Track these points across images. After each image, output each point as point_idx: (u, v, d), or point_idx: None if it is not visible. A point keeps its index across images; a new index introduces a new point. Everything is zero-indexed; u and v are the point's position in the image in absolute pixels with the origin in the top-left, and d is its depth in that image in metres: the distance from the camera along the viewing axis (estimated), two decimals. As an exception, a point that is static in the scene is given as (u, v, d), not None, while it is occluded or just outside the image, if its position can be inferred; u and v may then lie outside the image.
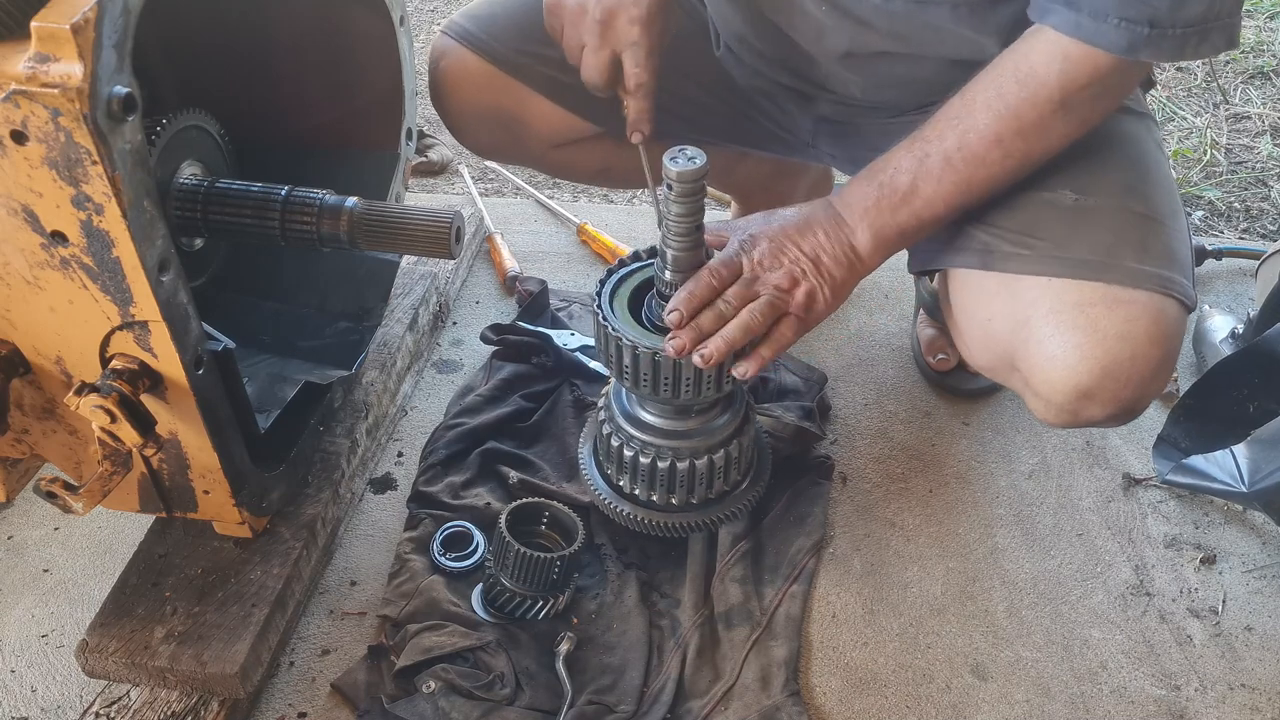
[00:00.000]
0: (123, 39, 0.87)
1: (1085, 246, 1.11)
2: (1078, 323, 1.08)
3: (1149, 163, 1.20)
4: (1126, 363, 1.07)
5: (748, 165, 1.67)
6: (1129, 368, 1.07)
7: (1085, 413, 1.12)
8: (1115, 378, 1.08)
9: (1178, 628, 1.32)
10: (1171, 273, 1.11)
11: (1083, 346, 1.08)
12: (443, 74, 1.45)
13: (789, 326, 1.13)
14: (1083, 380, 1.08)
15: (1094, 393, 1.09)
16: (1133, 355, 1.07)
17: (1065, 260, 1.11)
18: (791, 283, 1.12)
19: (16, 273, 0.97)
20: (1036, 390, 1.13)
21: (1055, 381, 1.10)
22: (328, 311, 1.47)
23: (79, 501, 1.02)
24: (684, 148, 1.06)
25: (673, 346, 1.10)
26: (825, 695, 1.26)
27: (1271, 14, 2.69)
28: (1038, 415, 1.18)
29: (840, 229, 1.14)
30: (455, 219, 1.25)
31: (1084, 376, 1.08)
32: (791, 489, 1.45)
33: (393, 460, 1.54)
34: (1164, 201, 1.17)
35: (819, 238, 1.14)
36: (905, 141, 1.13)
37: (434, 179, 2.22)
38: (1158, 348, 1.09)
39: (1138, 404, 1.11)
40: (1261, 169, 2.21)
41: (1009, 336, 1.14)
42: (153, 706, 1.18)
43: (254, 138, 1.41)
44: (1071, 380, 1.09)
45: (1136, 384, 1.09)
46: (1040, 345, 1.10)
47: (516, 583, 1.25)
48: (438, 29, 1.49)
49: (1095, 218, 1.13)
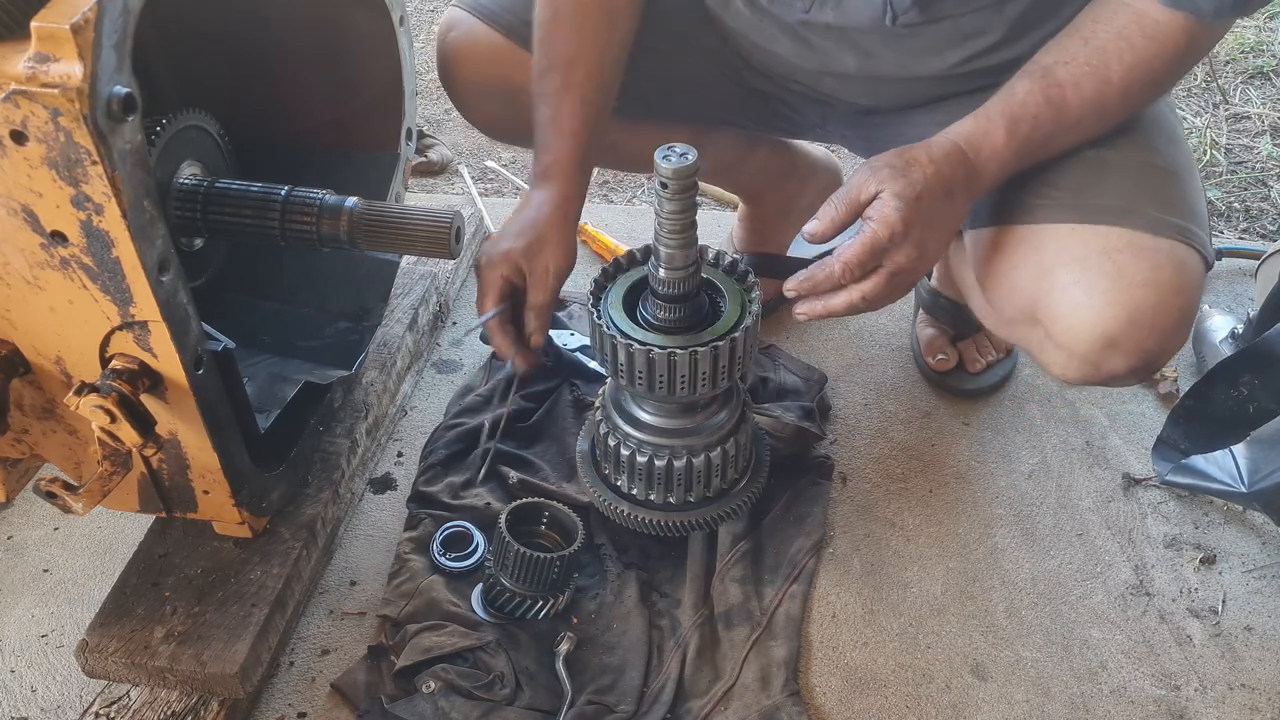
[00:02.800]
0: (123, 39, 0.87)
1: (1107, 195, 1.10)
2: (1104, 269, 1.06)
3: (1164, 122, 1.19)
4: (1151, 310, 1.05)
5: (755, 164, 1.66)
6: (1154, 316, 1.06)
7: (1108, 364, 1.09)
8: (1140, 325, 1.06)
9: (1178, 628, 1.32)
10: (1191, 225, 1.10)
11: (1109, 292, 1.06)
12: (451, 46, 1.42)
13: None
14: (1108, 327, 1.06)
15: (1119, 340, 1.07)
16: (1158, 303, 1.05)
17: (1088, 207, 1.10)
18: (913, 264, 1.09)
19: (16, 273, 0.97)
20: (1059, 340, 1.11)
21: (1079, 329, 1.07)
22: (328, 311, 1.47)
23: (79, 501, 1.02)
24: (674, 145, 1.05)
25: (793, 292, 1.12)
26: (825, 695, 1.26)
27: (1271, 14, 2.69)
28: (1056, 371, 1.15)
29: (972, 191, 1.10)
30: (455, 219, 1.25)
31: (1110, 323, 1.06)
32: (791, 489, 1.45)
33: (393, 460, 1.53)
34: (1181, 158, 1.16)
35: (959, 205, 1.10)
36: (1036, 82, 1.09)
37: (434, 179, 2.22)
38: (1181, 297, 1.07)
39: (1159, 357, 1.09)
40: (1261, 169, 2.21)
41: (1032, 286, 1.12)
42: (153, 706, 1.18)
43: (254, 138, 1.41)
44: (1098, 327, 1.06)
45: (1160, 333, 1.07)
46: (1065, 292, 1.08)
47: (516, 583, 1.25)
48: (436, 28, 1.49)
49: (1116, 168, 1.12)
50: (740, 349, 1.16)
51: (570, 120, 1.28)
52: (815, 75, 1.31)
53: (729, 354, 1.15)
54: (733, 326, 1.15)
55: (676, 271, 1.13)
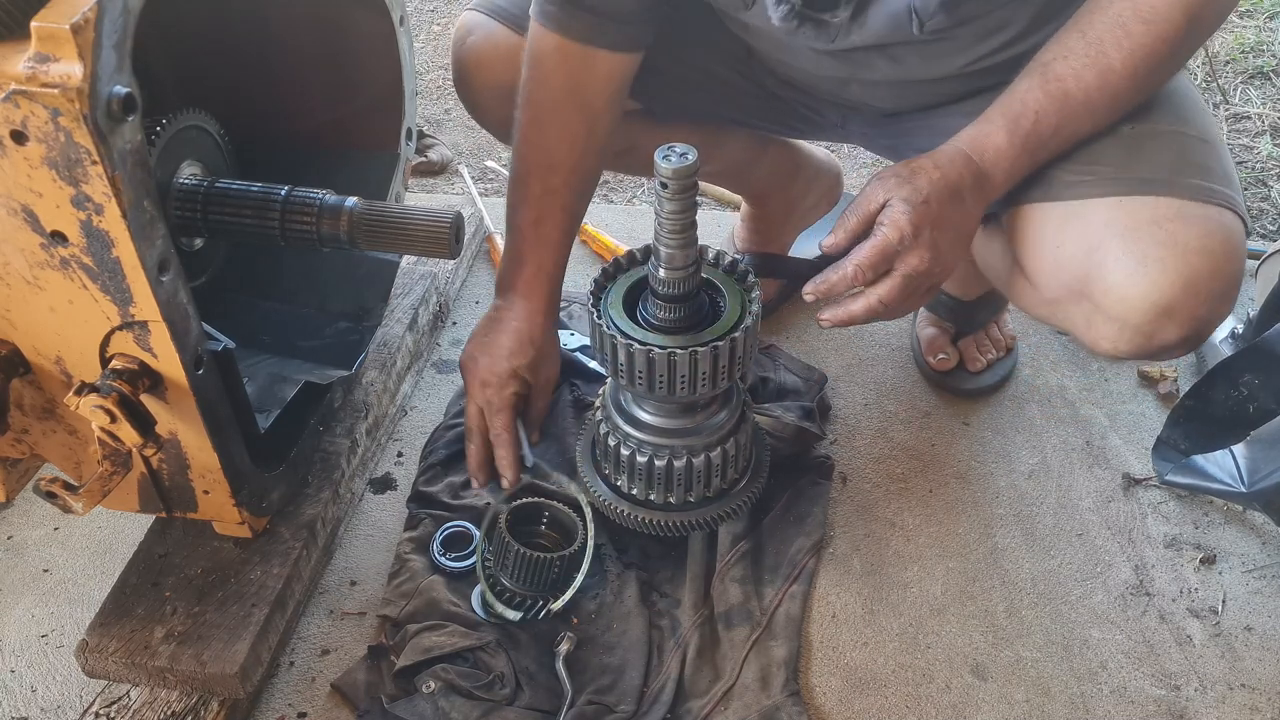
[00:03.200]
0: (123, 39, 0.87)
1: (1149, 167, 1.10)
2: (1157, 237, 1.06)
3: (1190, 94, 1.20)
4: (1207, 277, 1.05)
5: (764, 166, 1.66)
6: (1209, 283, 1.06)
7: (1161, 334, 1.09)
8: (1196, 293, 1.05)
9: (1178, 628, 1.32)
10: (1232, 191, 1.11)
11: (1164, 260, 1.05)
12: (471, 50, 1.41)
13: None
14: (1165, 295, 1.06)
15: (1175, 309, 1.06)
16: (1213, 270, 1.06)
17: (1132, 180, 1.10)
18: (927, 265, 1.10)
19: (16, 273, 0.97)
20: (1112, 313, 1.10)
21: (1134, 299, 1.07)
22: (328, 311, 1.47)
23: (79, 501, 1.02)
24: (673, 145, 1.06)
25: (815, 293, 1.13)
26: (825, 695, 1.26)
27: (1271, 14, 2.69)
28: (1105, 346, 1.14)
29: (984, 193, 1.11)
30: (455, 219, 1.25)
31: (1165, 291, 1.05)
32: (791, 489, 1.45)
33: (393, 460, 1.53)
34: (1211, 128, 1.17)
35: (970, 208, 1.11)
36: (1035, 79, 1.10)
37: (434, 179, 2.22)
38: (1233, 263, 1.07)
39: (1209, 324, 1.09)
40: (1261, 169, 2.21)
41: (1082, 260, 1.11)
42: (153, 706, 1.18)
43: (254, 138, 1.41)
44: (1153, 295, 1.06)
45: (1214, 300, 1.07)
46: (1119, 262, 1.07)
47: (516, 583, 1.25)
48: (436, 28, 1.49)
49: (1154, 142, 1.12)
50: (740, 349, 1.16)
51: (554, 230, 1.32)
52: (841, 83, 1.31)
53: (729, 354, 1.15)
54: (732, 326, 1.15)
55: (676, 271, 1.13)
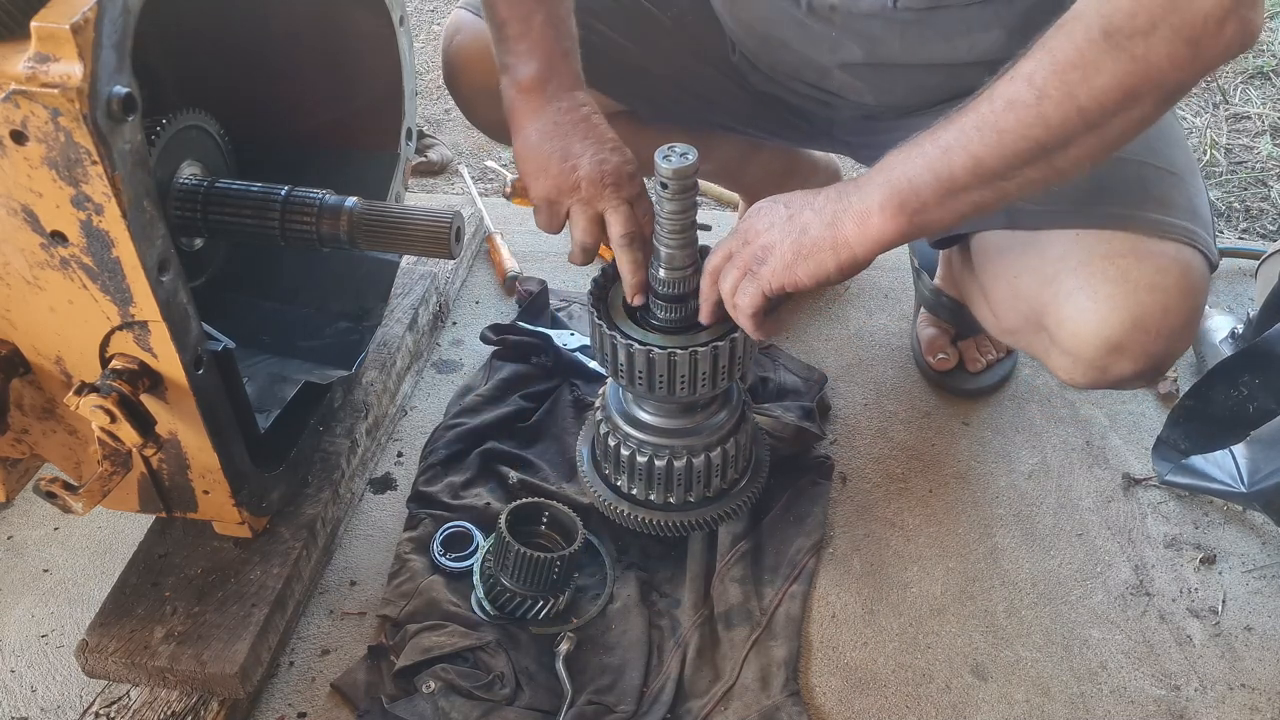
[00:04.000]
0: (123, 39, 0.87)
1: (1109, 199, 1.09)
2: (1108, 274, 1.06)
3: (1164, 123, 1.17)
4: (1158, 314, 1.05)
5: (759, 164, 1.67)
6: (1160, 320, 1.05)
7: (1114, 369, 1.09)
8: (1146, 330, 1.05)
9: (1178, 628, 1.32)
10: (1195, 226, 1.10)
11: (1114, 298, 1.05)
12: (457, 49, 1.41)
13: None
14: (1114, 332, 1.06)
15: (1124, 346, 1.06)
16: (1164, 307, 1.05)
17: (1090, 213, 1.09)
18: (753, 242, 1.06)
19: (16, 273, 0.97)
20: (1064, 346, 1.10)
21: (1085, 335, 1.07)
22: (327, 311, 1.47)
23: (79, 501, 1.02)
24: (674, 145, 1.06)
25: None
26: (825, 695, 1.26)
27: (1272, 14, 2.69)
28: (1063, 376, 1.14)
29: (843, 192, 1.01)
30: (455, 219, 1.25)
31: (1115, 328, 1.05)
32: (791, 489, 1.45)
33: (393, 460, 1.53)
34: (1180, 159, 1.16)
35: (801, 196, 1.05)
36: (921, 147, 0.99)
37: (434, 179, 2.22)
38: (1188, 300, 1.07)
39: (1164, 360, 1.09)
40: (1261, 169, 2.21)
41: (1037, 292, 1.12)
42: (152, 706, 1.18)
43: (254, 138, 1.41)
44: (1102, 333, 1.06)
45: (1166, 337, 1.06)
46: (1070, 298, 1.08)
47: (516, 583, 1.25)
48: (436, 28, 1.49)
49: (1116, 172, 1.10)
50: (740, 349, 1.16)
51: (570, 22, 1.19)
52: (823, 71, 1.31)
53: (729, 354, 1.15)
54: (732, 327, 1.15)
55: (676, 271, 1.13)
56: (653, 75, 1.40)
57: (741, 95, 1.45)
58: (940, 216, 0.96)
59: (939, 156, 0.93)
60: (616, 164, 1.15)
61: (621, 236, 1.15)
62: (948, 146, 0.93)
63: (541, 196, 1.17)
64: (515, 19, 1.15)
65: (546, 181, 1.16)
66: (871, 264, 1.02)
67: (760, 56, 1.37)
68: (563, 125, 1.16)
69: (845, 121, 1.42)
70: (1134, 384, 1.13)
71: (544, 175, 1.16)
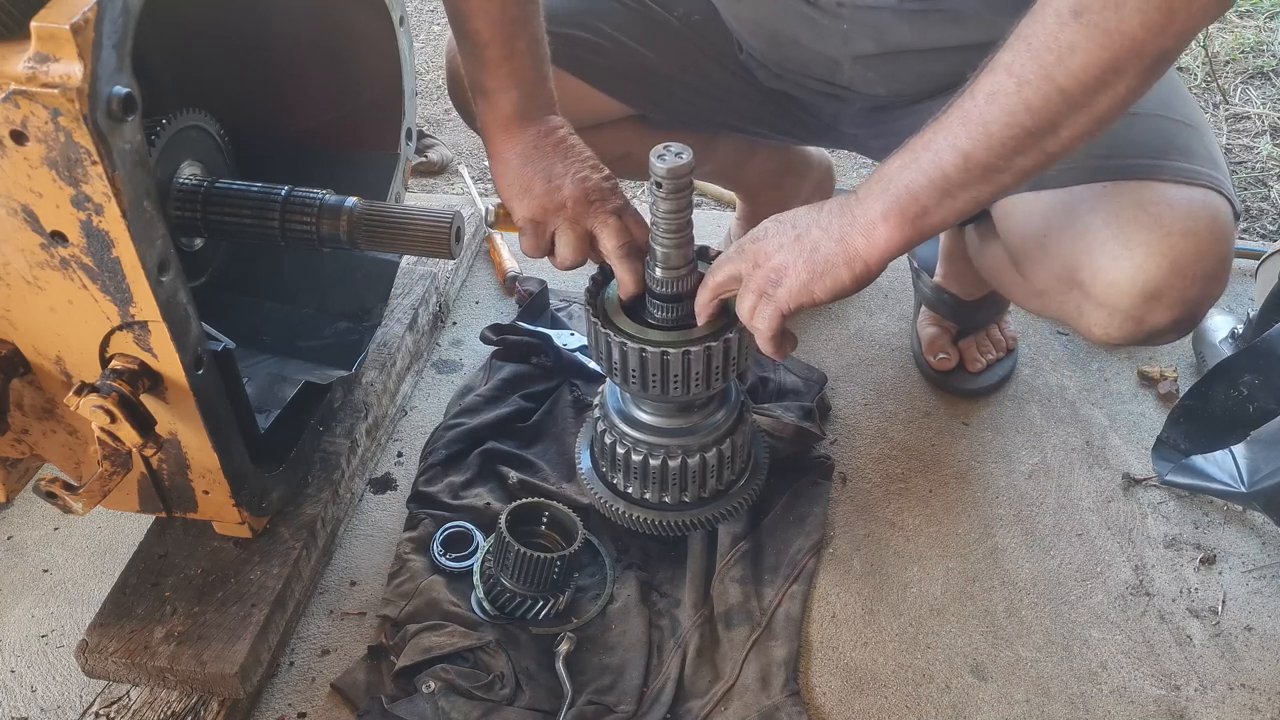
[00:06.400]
0: (123, 39, 0.87)
1: (1133, 151, 1.10)
2: (1141, 220, 1.06)
3: (1172, 80, 1.19)
4: (1193, 258, 1.05)
5: (756, 163, 1.67)
6: (1195, 264, 1.05)
7: (1150, 318, 1.08)
8: (1183, 274, 1.05)
9: (1178, 628, 1.32)
10: (1218, 174, 1.11)
11: (1149, 243, 1.05)
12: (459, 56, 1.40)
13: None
14: (1150, 278, 1.05)
15: (1161, 292, 1.06)
16: (1198, 250, 1.05)
17: (1116, 167, 1.09)
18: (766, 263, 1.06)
19: (16, 273, 0.97)
20: (1100, 299, 1.09)
21: (1122, 283, 1.06)
22: (328, 311, 1.47)
23: (79, 501, 1.02)
24: (669, 144, 1.06)
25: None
26: (825, 695, 1.26)
27: (1271, 14, 2.69)
28: (1098, 333, 1.13)
29: (848, 206, 1.01)
30: (455, 219, 1.25)
31: (1152, 274, 1.05)
32: (791, 489, 1.45)
33: (393, 460, 1.54)
34: (1193, 113, 1.17)
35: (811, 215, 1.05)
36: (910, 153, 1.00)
37: (434, 179, 2.22)
38: (1220, 244, 1.07)
39: (1200, 307, 1.09)
40: (1261, 169, 2.21)
41: (1069, 247, 1.11)
42: (153, 706, 1.18)
43: (254, 138, 1.41)
44: (1140, 279, 1.05)
45: (1202, 282, 1.06)
46: (1104, 247, 1.07)
47: (516, 583, 1.25)
48: (436, 28, 1.49)
49: (1136, 126, 1.11)
50: (734, 349, 1.16)
51: (545, 41, 1.19)
52: (833, 65, 1.31)
53: (723, 354, 1.15)
54: (725, 326, 1.15)
55: (672, 271, 1.13)
56: (662, 76, 1.40)
57: (751, 93, 1.45)
58: (942, 217, 0.97)
59: (930, 159, 0.94)
60: (598, 180, 1.17)
61: (617, 249, 1.16)
62: (938, 148, 0.94)
63: (527, 218, 1.19)
64: (498, 41, 1.16)
65: (531, 203, 1.18)
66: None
67: (768, 54, 1.37)
68: (543, 148, 1.18)
69: (854, 115, 1.42)
70: (1169, 335, 1.11)
71: (528, 196, 1.18)
